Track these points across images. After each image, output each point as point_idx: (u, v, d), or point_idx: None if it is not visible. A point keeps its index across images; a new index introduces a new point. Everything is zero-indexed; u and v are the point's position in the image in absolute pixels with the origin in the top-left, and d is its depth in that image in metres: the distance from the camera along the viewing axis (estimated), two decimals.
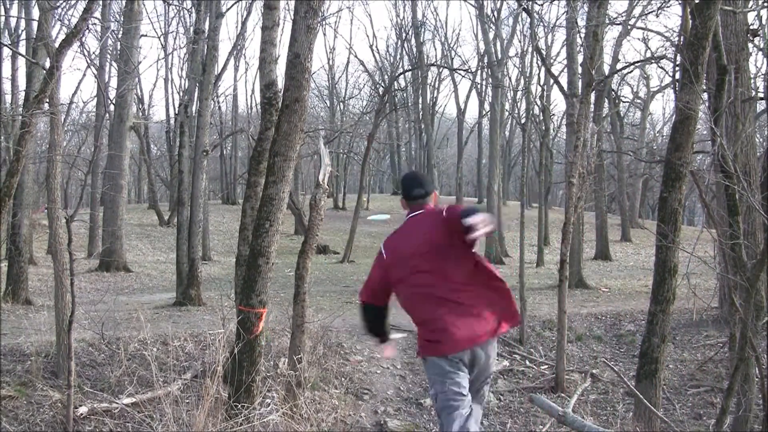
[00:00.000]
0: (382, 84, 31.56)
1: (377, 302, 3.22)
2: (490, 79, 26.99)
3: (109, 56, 20.06)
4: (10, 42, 15.53)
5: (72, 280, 5.97)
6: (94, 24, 14.71)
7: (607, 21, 13.05)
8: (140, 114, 31.19)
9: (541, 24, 23.34)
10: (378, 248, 3.26)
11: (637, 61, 20.67)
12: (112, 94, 19.90)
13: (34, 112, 6.33)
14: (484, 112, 36.04)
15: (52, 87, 6.44)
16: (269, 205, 5.65)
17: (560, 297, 9.01)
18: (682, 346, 10.59)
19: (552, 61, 26.85)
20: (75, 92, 38.54)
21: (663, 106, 79.25)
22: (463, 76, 34.11)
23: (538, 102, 25.52)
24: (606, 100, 22.90)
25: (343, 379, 8.53)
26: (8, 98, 15.79)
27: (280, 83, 7.11)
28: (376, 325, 3.28)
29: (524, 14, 24.48)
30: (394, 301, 3.30)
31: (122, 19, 17.92)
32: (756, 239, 8.15)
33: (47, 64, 7.99)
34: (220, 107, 34.15)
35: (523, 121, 28.97)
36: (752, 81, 10.18)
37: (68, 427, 5.81)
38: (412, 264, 3.04)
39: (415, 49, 32.15)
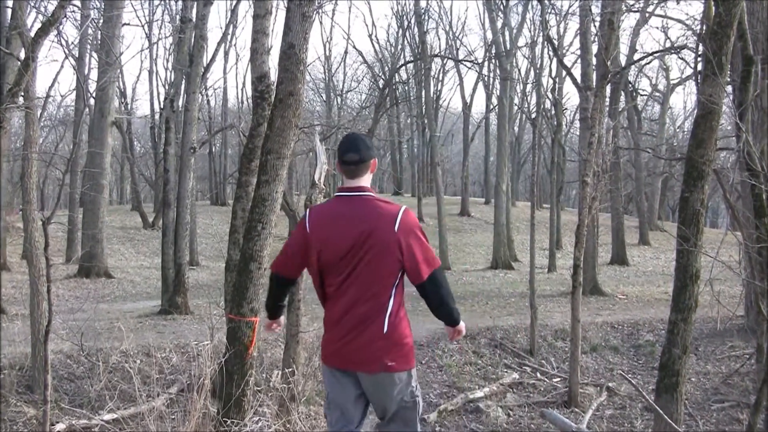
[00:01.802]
0: (382, 76, 31.60)
1: (287, 274, 3.08)
2: (498, 71, 27.01)
3: (88, 46, 20.08)
4: None
5: (49, 287, 5.96)
6: (73, 11, 14.73)
7: (624, 8, 13.05)
8: (123, 109, 31.21)
9: (553, 12, 23.38)
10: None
11: (656, 52, 20.67)
12: (92, 87, 19.92)
13: (8, 106, 6.32)
14: (491, 107, 36.05)
15: (27, 79, 6.43)
16: (261, 206, 5.64)
17: (573, 304, 9.00)
18: (705, 358, 10.57)
19: (564, 51, 26.90)
20: (52, 85, 38.44)
21: (684, 100, 79.42)
22: (469, 68, 34.17)
23: (550, 95, 25.52)
24: (622, 94, 22.92)
25: None
26: None
27: (273, 76, 7.09)
28: (275, 298, 3.18)
29: (535, 1, 24.51)
30: None
31: (103, 6, 17.94)
32: None
33: (22, 55, 7.99)
34: (208, 101, 34.16)
35: (533, 115, 29.01)
36: None
37: None
38: (337, 257, 2.84)
39: (417, 39, 32.14)
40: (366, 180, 2.97)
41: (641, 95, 32.59)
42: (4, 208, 13.84)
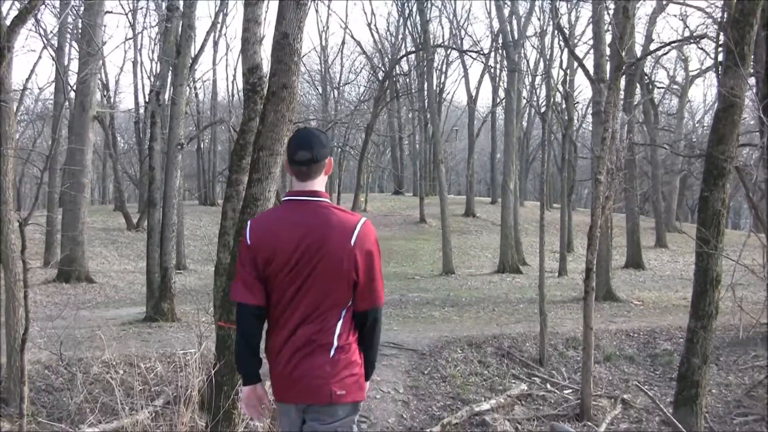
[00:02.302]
0: (382, 68, 31.59)
1: (256, 300, 2.65)
2: (505, 63, 27.01)
3: (68, 36, 20.08)
4: None
5: (26, 293, 5.95)
6: None
7: None
8: (105, 102, 31.21)
9: None
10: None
11: (674, 41, 20.68)
12: (73, 79, 19.92)
13: None
14: (498, 100, 36.08)
15: (2, 71, 6.42)
16: (253, 206, 5.64)
17: (586, 311, 8.99)
18: (726, 368, 10.57)
19: (576, 41, 26.91)
20: (29, 77, 38.56)
21: (704, 93, 79.51)
22: (474, 59, 34.16)
23: (560, 88, 25.52)
24: (638, 86, 22.93)
25: None
26: None
27: (266, 67, 7.08)
28: (250, 345, 2.64)
29: None
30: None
31: None
32: None
33: None
34: (197, 95, 34.19)
35: (542, 110, 29.01)
36: None
37: None
38: (283, 272, 2.62)
39: (419, 28, 32.16)
40: (320, 183, 2.75)
41: (658, 88, 32.61)
42: None
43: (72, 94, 20.26)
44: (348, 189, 47.36)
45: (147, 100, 21.88)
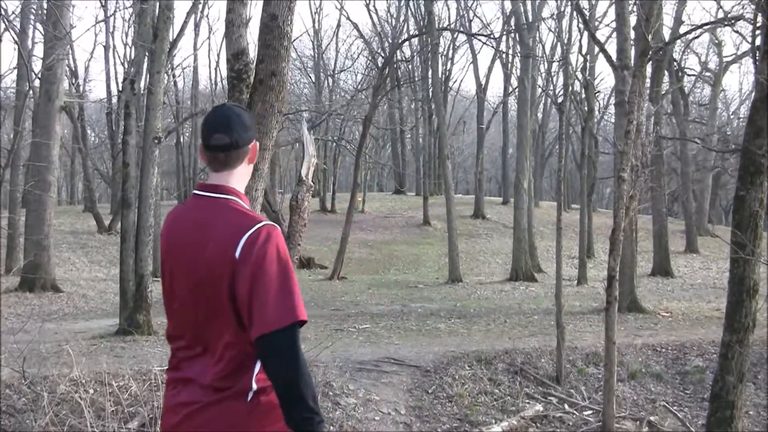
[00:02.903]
0: (382, 54, 31.60)
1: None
2: (519, 47, 27.04)
3: (33, 17, 20.08)
4: None
5: None
6: None
7: None
8: (74, 91, 31.22)
9: None
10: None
11: (707, 24, 20.68)
12: (38, 65, 19.93)
13: None
14: (510, 89, 36.08)
15: None
16: None
17: (608, 323, 8.99)
18: (765, 387, 10.57)
19: (597, 23, 26.89)
20: None
21: (739, 81, 79.55)
22: (484, 44, 34.18)
23: (579, 76, 25.53)
24: (666, 74, 22.96)
25: (332, 427, 8.52)
26: None
27: (253, 52, 7.06)
28: None
29: None
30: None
31: None
32: None
33: None
34: (176, 83, 34.21)
35: (560, 100, 29.02)
36: None
37: None
38: (171, 287, 2.34)
39: (423, 9, 32.22)
40: (240, 175, 2.37)
41: (688, 75, 32.65)
42: None
43: (37, 83, 20.25)
44: (344, 188, 47.37)
45: (120, 89, 21.89)
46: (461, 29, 34.25)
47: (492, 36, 32.20)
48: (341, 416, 8.86)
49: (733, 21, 16.28)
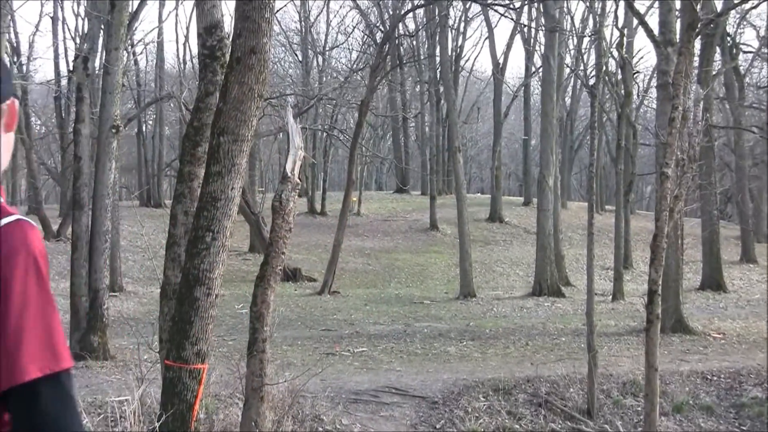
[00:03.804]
0: (381, 27, 31.63)
1: None
2: (543, 20, 27.05)
3: None
4: None
5: None
6: None
7: None
8: (15, 71, 31.21)
9: None
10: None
11: None
12: None
13: None
14: (533, 70, 36.07)
15: None
16: (212, 207, 5.64)
17: (649, 346, 8.98)
18: None
19: None
20: None
21: None
22: (501, 15, 34.10)
23: (615, 53, 25.56)
24: (718, 51, 22.98)
25: None
26: None
27: (228, 26, 7.07)
28: None
29: None
30: None
31: None
32: None
33: None
34: (137, 62, 34.14)
35: (591, 81, 28.96)
36: None
37: None
38: None
39: None
40: None
41: (744, 53, 32.64)
42: None
43: None
44: (336, 186, 47.37)
45: (71, 68, 21.86)
46: None
47: (511, 5, 32.17)
48: None
49: None
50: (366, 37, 36.12)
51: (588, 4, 28.65)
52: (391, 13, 31.96)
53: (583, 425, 10.24)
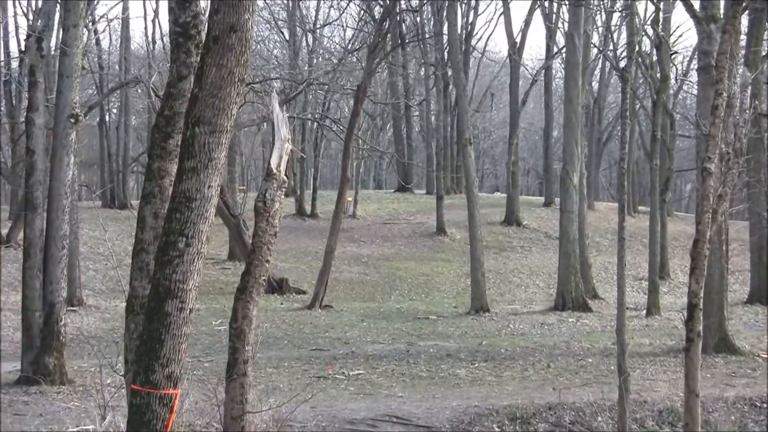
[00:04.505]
0: (380, 1, 31.62)
1: None
2: None
3: None
4: None
5: None
6: None
7: None
8: None
9: None
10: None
11: None
12: None
13: None
14: (555, 50, 36.03)
15: None
16: (185, 209, 5.64)
17: (688, 369, 8.98)
18: None
19: None
20: None
21: None
22: None
23: (650, 31, 25.55)
24: None
25: None
26: None
27: (204, 1, 7.06)
28: None
29: None
30: None
31: None
32: None
33: None
34: (99, 41, 34.14)
35: (622, 64, 28.87)
36: None
37: None
38: None
39: None
40: None
41: None
42: None
43: None
44: (328, 184, 47.37)
45: (23, 48, 21.85)
46: None
47: None
48: None
49: None
50: (363, 12, 36.09)
51: None
52: None
53: None
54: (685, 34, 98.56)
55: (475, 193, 23.09)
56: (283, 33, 41.05)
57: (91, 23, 28.13)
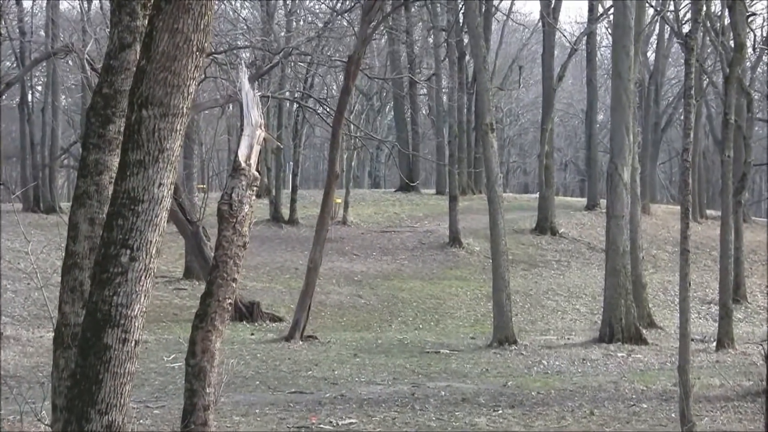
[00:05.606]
0: None
1: None
2: None
3: None
4: None
5: None
6: None
7: None
8: None
9: None
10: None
11: None
12: None
13: None
14: (599, 12, 36.07)
15: None
16: (130, 214, 5.64)
17: None
18: None
19: None
20: None
21: None
22: None
23: None
24: None
25: None
26: None
27: None
28: None
29: None
30: None
31: None
32: None
33: None
34: (19, 1, 34.15)
35: (686, 29, 28.86)
36: None
37: None
38: None
39: None
40: None
41: None
42: None
43: None
44: (312, 181, 47.36)
45: None
46: None
47: None
48: None
49: None
50: None
51: None
52: None
53: None
54: None
55: (499, 193, 23.09)
56: None
57: None
